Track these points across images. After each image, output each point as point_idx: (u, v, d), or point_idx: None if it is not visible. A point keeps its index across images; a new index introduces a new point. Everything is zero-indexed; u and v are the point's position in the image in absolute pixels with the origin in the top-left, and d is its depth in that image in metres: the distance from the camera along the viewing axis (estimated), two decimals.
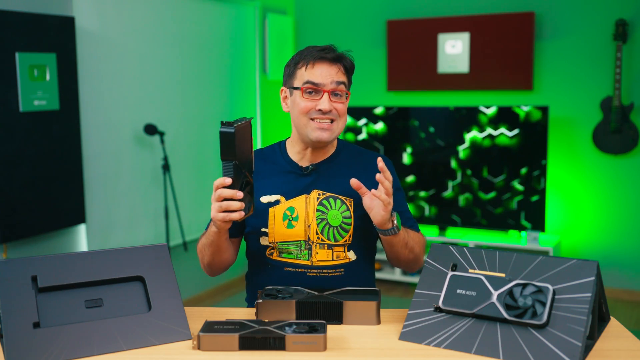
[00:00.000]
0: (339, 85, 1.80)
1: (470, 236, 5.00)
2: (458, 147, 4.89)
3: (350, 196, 1.85)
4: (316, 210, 1.83)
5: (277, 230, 1.83)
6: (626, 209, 4.73)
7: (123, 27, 4.00)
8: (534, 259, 1.50)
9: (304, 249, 1.82)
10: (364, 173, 1.87)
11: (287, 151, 1.92)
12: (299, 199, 1.85)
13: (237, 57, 4.98)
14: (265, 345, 1.46)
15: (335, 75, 1.80)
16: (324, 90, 1.79)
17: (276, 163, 1.91)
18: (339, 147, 1.93)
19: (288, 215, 1.83)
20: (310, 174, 1.87)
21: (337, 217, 1.83)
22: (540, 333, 1.40)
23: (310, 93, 1.80)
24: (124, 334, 1.50)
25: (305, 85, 1.80)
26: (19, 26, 3.31)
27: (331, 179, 1.87)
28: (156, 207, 4.27)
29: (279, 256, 1.84)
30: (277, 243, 1.84)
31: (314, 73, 1.79)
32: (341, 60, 1.83)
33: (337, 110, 1.80)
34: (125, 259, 1.60)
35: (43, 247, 3.60)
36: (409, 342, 1.52)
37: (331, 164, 1.89)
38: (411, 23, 5.16)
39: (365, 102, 5.30)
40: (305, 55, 1.82)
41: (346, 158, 1.91)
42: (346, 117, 1.85)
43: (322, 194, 1.85)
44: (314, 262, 1.82)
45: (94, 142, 3.84)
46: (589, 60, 4.72)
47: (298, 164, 1.88)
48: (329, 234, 1.82)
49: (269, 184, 1.86)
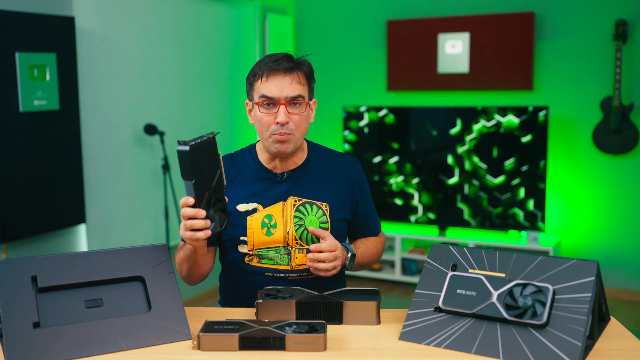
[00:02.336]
0: (295, 98, 1.79)
1: (470, 236, 5.00)
2: (458, 147, 4.90)
3: (325, 201, 1.89)
4: (294, 217, 1.85)
5: (256, 238, 1.85)
6: (626, 209, 4.73)
7: (123, 27, 4.00)
8: (534, 259, 1.50)
9: (284, 254, 1.85)
10: (338, 178, 1.92)
11: (259, 157, 1.92)
12: (276, 206, 1.86)
13: (237, 57, 4.98)
14: (265, 345, 1.46)
15: (290, 86, 1.78)
16: (280, 103, 1.78)
17: (249, 169, 1.91)
18: (310, 152, 1.94)
19: (266, 222, 1.85)
20: (285, 181, 1.88)
21: (315, 222, 1.86)
22: (540, 333, 1.40)
23: (267, 105, 1.79)
24: (124, 334, 1.50)
25: (261, 99, 1.79)
26: (19, 26, 3.31)
27: (306, 185, 1.89)
28: (156, 207, 4.27)
29: (258, 262, 1.86)
30: (257, 250, 1.86)
31: (269, 87, 1.78)
32: (296, 69, 1.80)
33: (294, 122, 1.79)
34: (125, 259, 1.60)
35: (43, 247, 3.60)
36: (409, 342, 1.52)
37: (305, 170, 1.90)
38: (411, 23, 5.16)
39: (365, 102, 5.30)
40: (261, 67, 1.81)
41: (319, 163, 1.93)
42: (306, 125, 1.84)
43: (299, 200, 1.87)
44: (294, 266, 1.86)
45: (94, 142, 3.84)
46: (589, 60, 4.72)
47: (272, 171, 1.89)
48: (307, 238, 1.85)
49: (245, 193, 1.88)
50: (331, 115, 5.46)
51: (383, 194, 5.15)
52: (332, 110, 5.45)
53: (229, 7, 4.87)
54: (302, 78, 1.81)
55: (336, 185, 1.91)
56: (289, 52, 1.87)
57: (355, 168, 1.97)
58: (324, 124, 5.48)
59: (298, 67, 1.81)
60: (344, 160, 1.96)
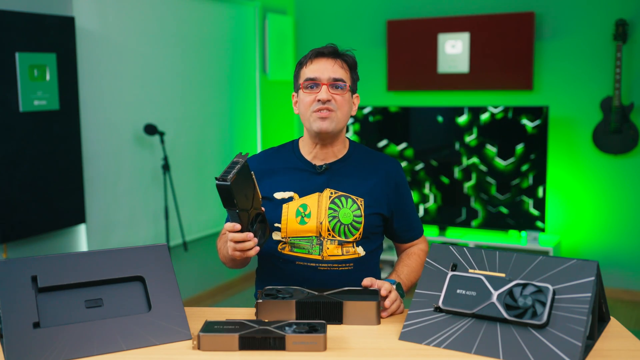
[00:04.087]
0: (337, 80, 1.85)
1: (470, 236, 4.99)
2: (459, 148, 4.90)
3: (361, 196, 1.91)
4: (328, 208, 1.88)
5: (289, 226, 1.88)
6: (626, 209, 4.73)
7: (123, 27, 4.00)
8: (534, 259, 1.50)
9: (316, 244, 1.87)
10: (375, 175, 1.95)
11: (300, 150, 1.97)
12: (312, 197, 1.89)
13: (237, 57, 4.98)
14: (265, 345, 1.46)
15: (332, 68, 1.86)
16: (322, 83, 1.85)
17: (290, 161, 1.96)
18: (351, 148, 1.98)
19: (301, 211, 1.88)
20: (323, 173, 1.92)
21: (349, 216, 1.88)
22: (540, 333, 1.40)
23: (310, 88, 1.86)
24: (124, 334, 1.50)
25: (305, 81, 1.87)
26: (19, 26, 3.31)
27: (344, 178, 1.92)
28: (156, 207, 4.27)
29: (290, 251, 1.89)
30: (290, 238, 1.88)
31: (312, 69, 1.87)
32: (339, 56, 1.89)
33: (336, 100, 1.85)
34: (125, 259, 1.60)
35: (43, 247, 3.60)
36: (409, 342, 1.52)
37: (344, 164, 1.94)
38: (411, 23, 5.16)
39: (365, 102, 5.30)
40: (307, 56, 1.90)
41: (358, 159, 1.96)
42: (348, 109, 1.90)
43: (335, 192, 1.90)
44: (325, 256, 1.87)
45: (94, 142, 3.84)
46: (589, 60, 4.72)
47: (311, 162, 1.93)
48: (340, 231, 1.87)
49: (283, 181, 1.92)
50: None
51: None
52: None
53: (229, 7, 4.87)
54: (345, 65, 1.90)
55: (373, 181, 1.93)
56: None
57: (395, 167, 1.99)
58: None
59: (342, 55, 1.90)
60: (384, 160, 2.00)
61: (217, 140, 4.83)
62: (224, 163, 4.88)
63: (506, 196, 4.78)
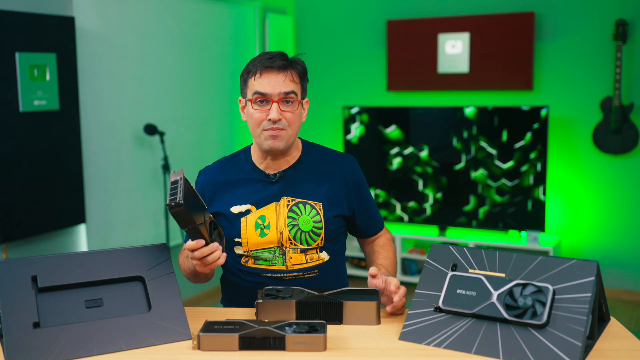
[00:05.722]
0: (288, 94, 1.80)
1: (470, 236, 4.99)
2: (459, 148, 4.90)
3: (319, 200, 1.88)
4: (287, 217, 1.85)
5: (250, 239, 1.86)
6: (626, 209, 4.73)
7: (123, 27, 4.00)
8: (534, 259, 1.50)
9: (279, 254, 1.85)
10: (331, 176, 1.91)
11: (252, 158, 1.93)
12: (269, 207, 1.86)
13: (237, 57, 4.98)
14: (265, 345, 1.46)
15: (283, 84, 1.79)
16: (272, 100, 1.79)
17: (243, 171, 1.91)
18: (304, 151, 1.94)
19: (260, 224, 1.85)
20: (278, 182, 1.88)
21: (308, 222, 1.85)
22: (540, 333, 1.40)
23: (260, 102, 1.80)
24: (124, 334, 1.50)
25: (255, 96, 1.80)
26: (19, 26, 3.31)
27: (299, 185, 1.88)
28: (156, 207, 4.27)
29: (254, 263, 1.87)
30: (252, 251, 1.86)
31: (262, 83, 1.79)
32: (290, 67, 1.81)
33: (287, 119, 1.80)
34: (125, 259, 1.61)
35: (43, 247, 3.60)
36: (409, 342, 1.52)
37: (297, 170, 1.90)
38: (411, 23, 5.16)
39: (365, 102, 5.30)
40: (255, 64, 1.82)
41: (312, 162, 1.92)
42: (298, 124, 1.85)
43: (292, 200, 1.87)
44: (289, 266, 1.85)
45: (94, 142, 3.84)
46: (589, 60, 4.72)
47: (265, 171, 1.90)
48: (301, 238, 1.85)
49: (238, 195, 1.88)
50: (331, 115, 5.46)
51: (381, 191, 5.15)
52: (332, 110, 5.45)
53: (229, 7, 4.87)
54: (296, 76, 1.82)
55: (330, 183, 1.89)
56: (286, 52, 1.88)
57: (350, 165, 1.95)
58: (324, 124, 5.48)
59: (292, 65, 1.82)
60: (338, 158, 1.96)
61: (217, 140, 4.83)
62: None
63: (506, 196, 4.78)
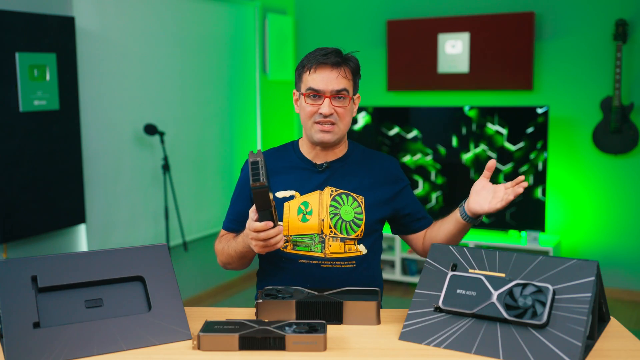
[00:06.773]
0: (340, 92, 1.85)
1: (470, 236, 4.99)
2: (459, 148, 4.90)
3: (361, 194, 1.92)
4: (330, 206, 1.89)
5: (291, 223, 1.89)
6: (626, 209, 4.73)
7: (123, 27, 4.00)
8: (534, 259, 1.50)
9: (318, 241, 1.88)
10: (374, 173, 1.96)
11: (300, 149, 1.98)
12: (313, 195, 1.91)
13: (237, 57, 4.98)
14: (265, 345, 1.46)
15: (336, 80, 1.84)
16: (325, 96, 1.84)
17: (290, 160, 1.97)
18: (351, 148, 2.00)
19: (302, 209, 1.89)
20: (324, 172, 1.93)
21: (350, 213, 1.90)
22: (540, 333, 1.40)
23: (313, 97, 1.86)
24: (124, 334, 1.50)
25: (308, 91, 1.86)
26: (19, 26, 3.31)
27: (344, 177, 1.94)
28: (156, 207, 4.27)
29: (293, 249, 1.90)
30: (292, 236, 1.89)
31: (316, 79, 1.85)
32: (343, 64, 1.86)
33: (338, 113, 1.86)
34: (125, 259, 1.60)
35: (43, 247, 3.60)
36: (409, 342, 1.52)
37: (344, 163, 1.96)
38: (411, 23, 5.16)
39: (365, 102, 5.30)
40: (310, 59, 1.87)
41: (357, 158, 1.98)
42: (349, 119, 1.91)
43: (335, 190, 1.92)
44: (327, 254, 1.88)
45: (94, 142, 3.84)
46: (589, 60, 4.72)
47: (312, 161, 1.95)
48: (341, 228, 1.88)
49: (284, 180, 1.93)
50: None
51: None
52: None
53: (229, 7, 4.87)
54: (349, 73, 1.87)
55: (373, 180, 1.95)
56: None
57: (393, 165, 2.01)
58: None
59: (345, 62, 1.87)
60: (381, 158, 2.02)
61: (217, 140, 4.83)
62: (224, 163, 4.88)
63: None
